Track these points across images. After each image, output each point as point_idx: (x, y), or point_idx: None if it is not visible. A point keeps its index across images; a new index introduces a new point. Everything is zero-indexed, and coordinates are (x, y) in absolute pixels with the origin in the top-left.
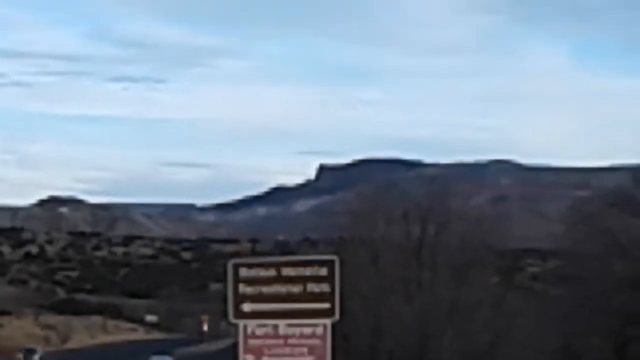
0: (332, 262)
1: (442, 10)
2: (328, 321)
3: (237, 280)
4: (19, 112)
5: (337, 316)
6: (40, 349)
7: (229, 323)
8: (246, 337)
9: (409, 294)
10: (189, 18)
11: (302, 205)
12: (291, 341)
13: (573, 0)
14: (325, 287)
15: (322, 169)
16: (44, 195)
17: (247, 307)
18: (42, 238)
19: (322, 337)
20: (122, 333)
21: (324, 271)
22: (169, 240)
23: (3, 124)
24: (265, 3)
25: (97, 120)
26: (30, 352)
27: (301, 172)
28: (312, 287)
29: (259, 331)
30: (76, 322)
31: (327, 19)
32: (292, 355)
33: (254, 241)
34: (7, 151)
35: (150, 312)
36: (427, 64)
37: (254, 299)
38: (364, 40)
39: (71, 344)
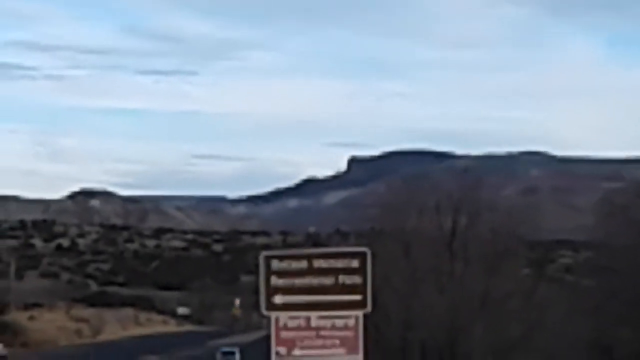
0: (364, 254)
1: (473, 2)
2: (360, 313)
3: (269, 272)
4: (51, 105)
5: (368, 308)
6: (0, 347)
7: (261, 315)
8: (278, 329)
9: (440, 286)
10: (220, 11)
11: (332, 197)
12: (323, 333)
13: None
14: (357, 279)
15: (353, 161)
16: (75, 188)
17: (279, 299)
18: (73, 231)
19: (354, 329)
20: (154, 325)
21: (355, 263)
22: (201, 233)
23: (35, 117)
24: None
25: (128, 113)
26: None
27: (332, 164)
28: (344, 279)
29: (291, 323)
30: (108, 314)
31: (358, 12)
32: (324, 347)
33: (285, 233)
34: (39, 144)
35: (182, 305)
36: (458, 56)
37: (286, 291)
38: (395, 33)
39: (103, 336)
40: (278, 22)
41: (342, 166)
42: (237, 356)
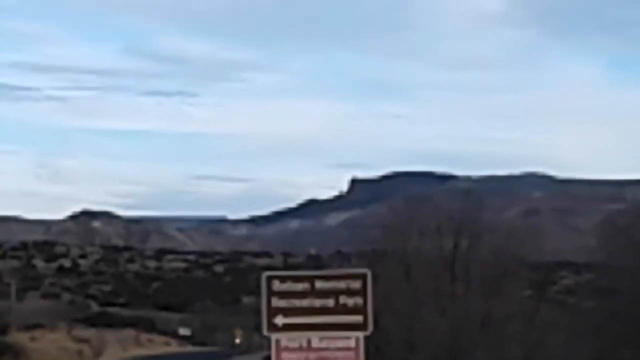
0: (364, 275)
1: (474, 24)
2: (361, 334)
3: (271, 293)
4: (53, 126)
5: (369, 329)
6: None
7: (262, 336)
8: (279, 350)
9: (441, 307)
10: (222, 32)
11: (334, 219)
12: (324, 354)
13: (605, 14)
14: (358, 301)
15: (354, 182)
16: (77, 209)
17: (280, 320)
18: (75, 252)
19: (355, 350)
20: (156, 346)
21: (357, 284)
22: (202, 254)
23: (36, 138)
24: (298, 17)
25: (130, 134)
26: None
27: (333, 185)
28: (345, 300)
29: (292, 344)
30: (109, 335)
31: (359, 33)
32: None
33: (286, 254)
34: (41, 165)
35: (184, 326)
36: (459, 77)
37: (287, 312)
38: (397, 55)
39: (104, 358)
40: (280, 43)
41: (344, 187)
42: None
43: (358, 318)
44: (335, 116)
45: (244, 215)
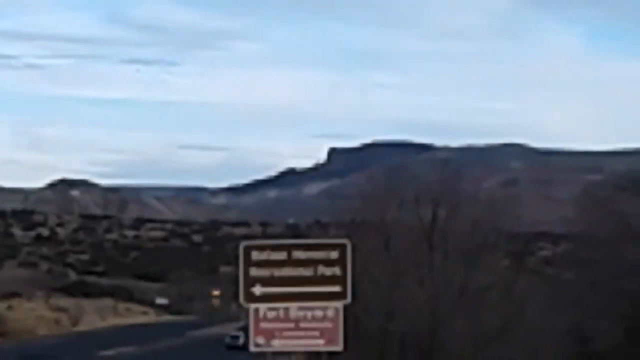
0: (343, 245)
1: None
2: (339, 304)
3: (249, 263)
4: (32, 94)
5: (348, 299)
6: None
7: (240, 306)
8: (257, 319)
9: (420, 277)
10: (203, 1)
11: (313, 188)
12: (302, 324)
13: None
14: (336, 270)
15: (333, 152)
16: (56, 177)
17: (258, 290)
18: (53, 220)
19: (334, 320)
20: (133, 315)
21: (335, 254)
22: (180, 223)
23: (16, 106)
24: None
25: (110, 103)
26: None
27: (312, 155)
28: (324, 270)
29: (270, 314)
30: (87, 304)
31: (341, 2)
32: (303, 337)
33: (264, 224)
34: (20, 134)
35: (161, 295)
36: (439, 47)
37: (265, 281)
38: (377, 24)
39: (82, 326)
40: (262, 12)
41: (323, 157)
42: (242, 339)
43: (336, 288)
44: (316, 85)
45: (222, 184)
